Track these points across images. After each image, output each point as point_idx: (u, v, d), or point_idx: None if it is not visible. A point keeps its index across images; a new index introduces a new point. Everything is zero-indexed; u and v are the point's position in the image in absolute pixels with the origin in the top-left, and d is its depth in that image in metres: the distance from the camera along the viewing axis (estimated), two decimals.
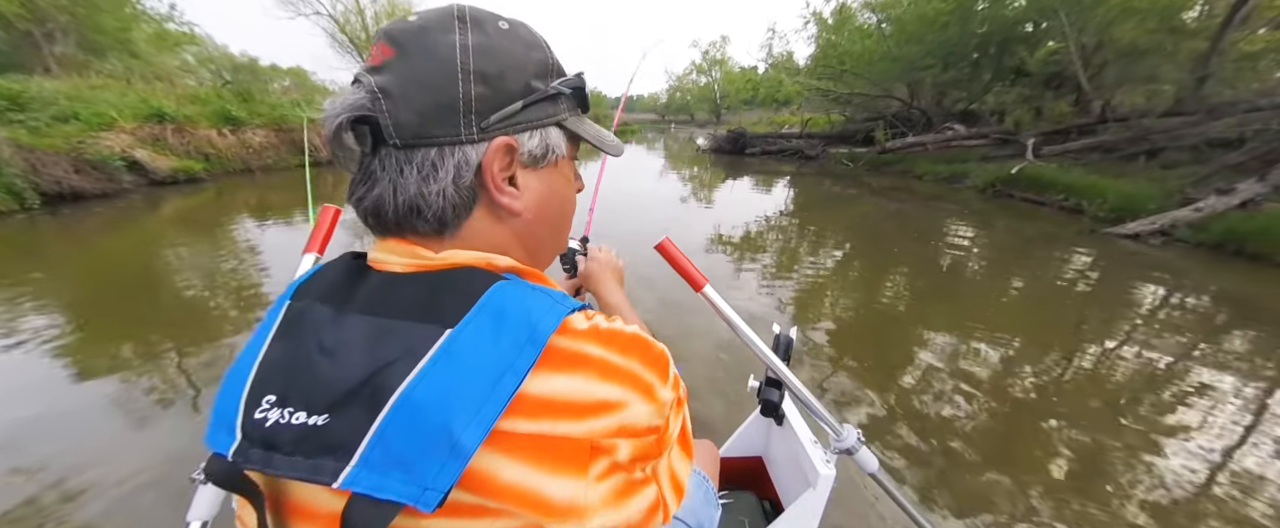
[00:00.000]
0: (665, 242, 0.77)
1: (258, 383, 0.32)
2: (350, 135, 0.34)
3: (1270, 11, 8.14)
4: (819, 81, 13.74)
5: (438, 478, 0.27)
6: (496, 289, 0.32)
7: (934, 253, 4.90)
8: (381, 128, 0.33)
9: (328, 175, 9.37)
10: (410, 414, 0.28)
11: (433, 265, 0.35)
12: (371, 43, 0.35)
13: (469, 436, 0.27)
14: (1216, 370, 2.62)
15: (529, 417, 0.29)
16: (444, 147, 0.34)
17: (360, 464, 0.27)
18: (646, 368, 0.34)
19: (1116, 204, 5.70)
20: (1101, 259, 4.62)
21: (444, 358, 0.29)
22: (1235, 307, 3.55)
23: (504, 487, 0.29)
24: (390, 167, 0.34)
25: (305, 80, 17.28)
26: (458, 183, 0.35)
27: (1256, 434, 2.10)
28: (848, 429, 0.87)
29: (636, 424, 0.33)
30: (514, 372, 0.29)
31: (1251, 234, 4.49)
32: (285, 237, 5.07)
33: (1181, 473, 1.85)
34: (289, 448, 0.29)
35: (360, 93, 0.33)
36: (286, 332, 0.34)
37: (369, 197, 0.35)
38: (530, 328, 0.31)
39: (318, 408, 0.29)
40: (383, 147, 0.34)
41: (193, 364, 2.46)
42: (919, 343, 2.87)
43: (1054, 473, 1.84)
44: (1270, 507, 1.70)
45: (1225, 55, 7.71)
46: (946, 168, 9.03)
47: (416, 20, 0.34)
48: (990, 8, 10.25)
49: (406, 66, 0.33)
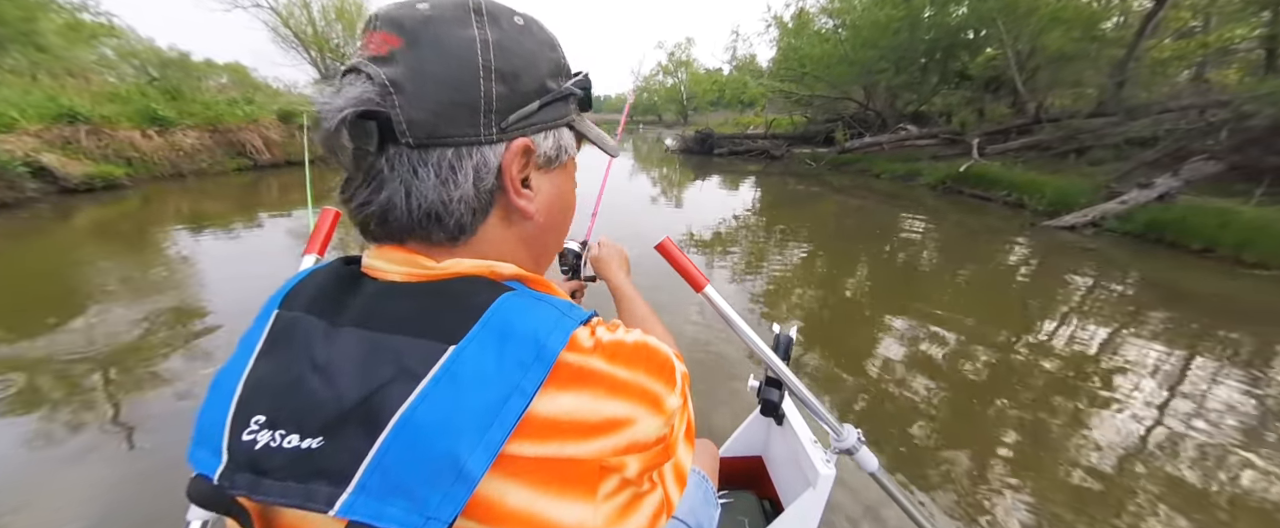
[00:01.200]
0: (666, 242, 0.76)
1: (245, 401, 0.29)
2: (350, 132, 0.30)
3: (1176, 23, 9.04)
4: (781, 84, 14.15)
5: (441, 507, 0.25)
6: (501, 303, 0.31)
7: (894, 247, 5.14)
8: (392, 125, 0.30)
9: (272, 180, 8.77)
10: (411, 438, 0.26)
11: (434, 275, 0.33)
12: (368, 28, 0.32)
13: (475, 461, 0.26)
14: (1142, 345, 2.89)
15: (535, 440, 0.28)
16: (461, 147, 0.32)
17: (357, 490, 0.26)
18: (653, 379, 0.33)
19: (1053, 199, 6.14)
20: (1041, 249, 4.98)
21: (446, 378, 0.27)
22: (1156, 290, 3.92)
23: (510, 513, 0.27)
24: (401, 167, 0.32)
25: (245, 77, 16.11)
26: (478, 186, 0.33)
27: (1176, 399, 2.33)
28: (848, 429, 0.87)
29: (646, 439, 0.32)
30: (521, 393, 0.28)
31: (1170, 224, 4.95)
32: (227, 248, 4.68)
33: (1116, 438, 2.03)
34: (280, 473, 0.27)
35: (364, 85, 0.30)
36: (274, 345, 0.31)
37: (375, 200, 0.32)
38: (537, 346, 0.29)
39: (311, 431, 0.27)
40: (392, 145, 0.31)
41: (121, 397, 2.24)
42: (881, 328, 3.02)
43: (1004, 443, 1.98)
44: (1189, 464, 1.90)
45: (1140, 62, 8.49)
46: (902, 166, 9.48)
47: (425, 8, 0.31)
48: (936, 15, 10.85)
49: (418, 59, 0.30)
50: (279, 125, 10.35)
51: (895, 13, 10.84)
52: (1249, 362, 2.76)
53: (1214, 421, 2.19)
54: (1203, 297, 3.79)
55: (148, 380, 2.31)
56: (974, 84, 11.38)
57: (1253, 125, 5.67)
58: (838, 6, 13.49)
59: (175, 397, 2.19)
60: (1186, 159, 5.95)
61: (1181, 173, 5.62)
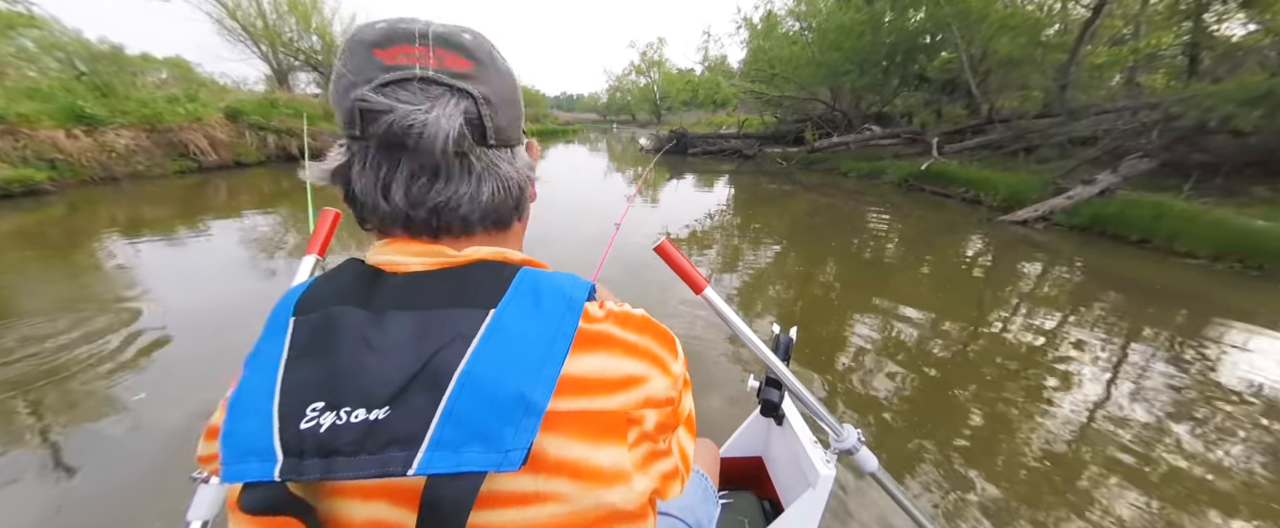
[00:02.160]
0: (665, 243, 0.76)
1: (290, 399, 0.30)
2: (460, 138, 0.35)
3: (1110, 30, 9.72)
4: (753, 84, 14.37)
5: (517, 438, 0.28)
6: (525, 273, 0.36)
7: (861, 242, 5.31)
8: (485, 131, 0.36)
9: (220, 182, 8.21)
10: (476, 388, 0.29)
11: (457, 262, 0.37)
12: (410, 40, 0.34)
13: (538, 393, 0.30)
14: (1086, 329, 3.09)
15: (570, 396, 0.32)
16: (516, 147, 0.40)
17: (432, 447, 0.28)
18: (659, 345, 0.38)
19: (1006, 195, 6.48)
20: (997, 243, 5.26)
21: (495, 334, 0.31)
22: (1100, 278, 4.19)
23: (555, 462, 0.31)
24: (490, 164, 0.38)
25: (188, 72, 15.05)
26: (521, 176, 0.41)
27: (1118, 381, 2.50)
28: (848, 429, 0.87)
29: (658, 396, 0.36)
30: (563, 335, 0.32)
31: (1110, 218, 5.30)
32: (171, 257, 4.33)
33: (1068, 417, 2.16)
34: (351, 448, 0.28)
35: (457, 97, 0.35)
36: (311, 343, 0.33)
37: (481, 192, 0.37)
38: (567, 298, 0.34)
39: (377, 403, 0.29)
40: (480, 147, 0.37)
41: (49, 421, 2.06)
42: (850, 319, 3.12)
43: (966, 426, 2.08)
44: (1134, 438, 2.04)
45: (1080, 66, 9.07)
46: (867, 165, 9.80)
47: (473, 38, 0.36)
48: (895, 20, 11.28)
49: (492, 79, 0.36)
50: (226, 124, 9.72)
51: (858, 16, 11.21)
52: (1179, 341, 2.98)
53: (1148, 396, 2.37)
54: (1139, 283, 4.07)
55: (81, 401, 2.13)
56: (932, 86, 11.89)
57: (1180, 125, 6.15)
58: (804, 10, 13.82)
59: (112, 418, 2.01)
60: (1123, 157, 6.39)
61: (1119, 170, 6.03)
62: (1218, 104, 5.62)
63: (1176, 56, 8.75)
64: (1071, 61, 8.91)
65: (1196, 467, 1.90)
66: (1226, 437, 2.10)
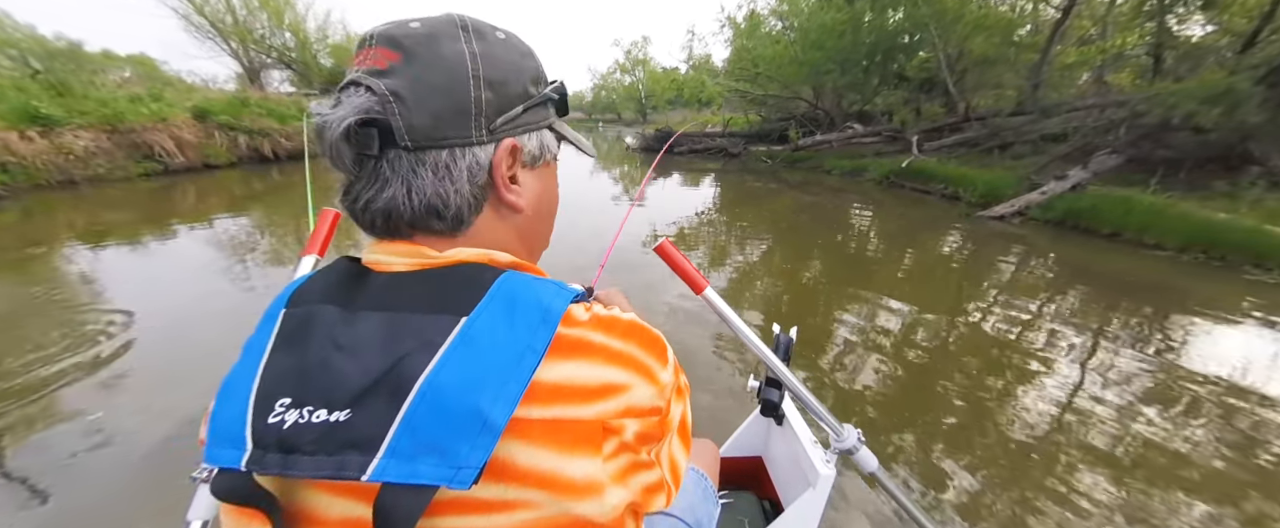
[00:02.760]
0: (665, 244, 0.75)
1: (265, 390, 0.31)
2: (353, 138, 0.33)
3: (1079, 31, 10.05)
4: (737, 83, 14.44)
5: (470, 456, 0.28)
6: (505, 279, 0.34)
7: (845, 238, 5.41)
8: (393, 130, 0.34)
9: (188, 185, 7.89)
10: (435, 400, 0.28)
11: (438, 263, 0.36)
12: (364, 45, 0.35)
13: (497, 412, 0.28)
14: (1060, 319, 3.21)
15: (542, 404, 0.31)
16: (455, 148, 0.36)
17: (388, 455, 0.28)
18: (645, 352, 0.36)
19: (984, 191, 6.65)
20: (975, 237, 5.39)
21: (463, 344, 0.30)
22: (1074, 271, 4.33)
23: (524, 471, 0.30)
24: (401, 168, 0.35)
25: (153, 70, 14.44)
26: (472, 182, 0.37)
27: (1090, 370, 2.59)
28: (848, 429, 0.87)
29: (641, 405, 0.35)
30: (532, 351, 0.31)
31: (1083, 212, 5.48)
32: (137, 265, 4.13)
33: (1044, 404, 2.24)
34: (311, 448, 0.28)
35: (363, 95, 0.33)
36: (291, 337, 0.33)
37: (379, 198, 0.36)
38: (542, 310, 0.33)
39: (339, 404, 0.29)
40: (391, 148, 0.35)
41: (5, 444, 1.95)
42: (836, 313, 3.17)
43: (948, 413, 2.14)
44: (1103, 426, 2.11)
45: (1051, 66, 9.36)
46: (849, 163, 9.95)
47: (418, 26, 0.35)
48: (875, 20, 11.47)
49: (416, 71, 0.34)
50: (194, 124, 9.32)
51: (839, 16, 11.37)
52: (1148, 330, 3.11)
53: (1119, 381, 2.46)
54: (1111, 275, 4.23)
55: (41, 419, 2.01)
56: (911, 85, 12.12)
57: (1145, 123, 6.39)
58: (786, 9, 13.94)
59: (82, 435, 1.91)
60: (1093, 153, 6.61)
61: (1089, 166, 6.24)
62: (1180, 102, 5.85)
63: (1141, 56, 9.10)
64: (1043, 61, 9.18)
65: (1164, 449, 1.98)
66: (1191, 420, 2.19)
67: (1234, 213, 4.83)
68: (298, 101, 12.03)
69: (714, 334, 2.84)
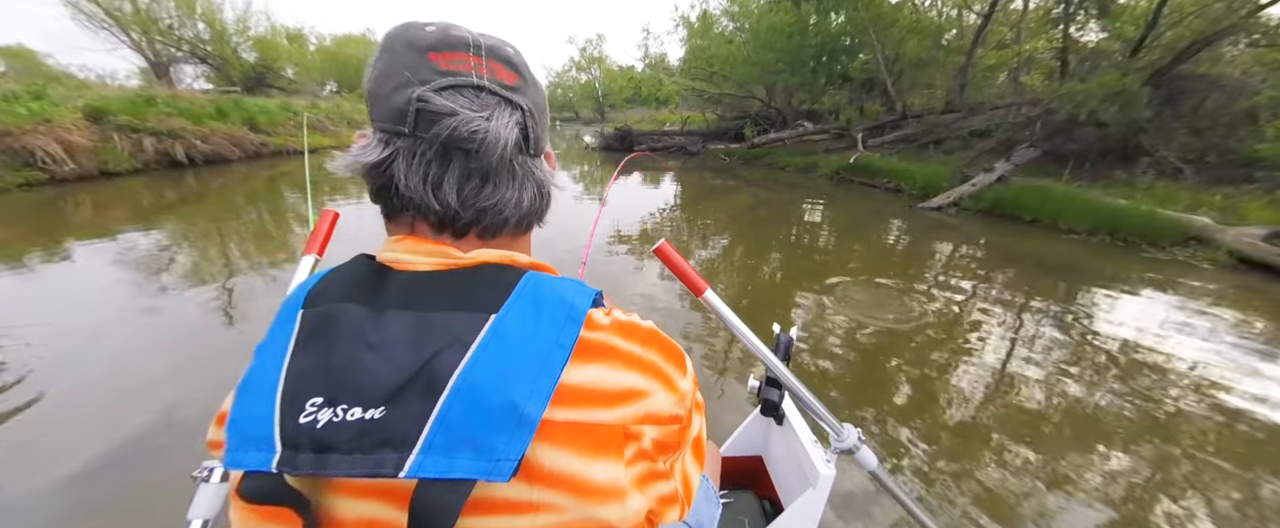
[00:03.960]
0: (663, 245, 0.74)
1: (292, 391, 0.31)
2: (514, 145, 0.37)
3: (997, 36, 10.99)
4: (693, 82, 14.67)
5: (508, 449, 0.28)
6: (529, 278, 0.35)
7: (800, 232, 5.66)
8: (529, 141, 0.39)
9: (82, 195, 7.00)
10: (470, 396, 0.29)
11: (463, 263, 0.37)
12: (464, 48, 0.36)
13: (532, 405, 0.29)
14: (992, 300, 3.53)
15: (566, 406, 0.31)
16: (541, 157, 0.42)
17: (424, 451, 0.28)
18: (665, 360, 0.37)
19: (923, 184, 7.14)
20: (916, 227, 5.80)
21: (494, 341, 0.31)
22: (1001, 254, 4.77)
23: (549, 473, 0.30)
24: (530, 172, 0.39)
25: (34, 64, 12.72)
26: (546, 183, 0.42)
27: (1018, 344, 2.87)
28: (848, 429, 0.86)
29: (660, 412, 0.35)
30: (561, 346, 0.32)
31: (1008, 201, 6.02)
32: (20, 291, 3.62)
33: (980, 373, 2.46)
34: (346, 446, 0.28)
35: (507, 108, 0.37)
36: (314, 337, 0.33)
37: (524, 197, 0.39)
38: (568, 307, 0.34)
39: (373, 402, 0.29)
40: (521, 156, 0.39)
41: None
42: (794, 302, 3.33)
43: (896, 390, 2.31)
44: (1030, 395, 2.35)
45: (975, 67, 10.18)
46: (803, 159, 10.39)
47: (516, 54, 0.39)
48: (819, 22, 12.01)
49: (532, 93, 0.39)
50: (87, 126, 8.05)
51: (787, 18, 11.83)
52: (1063, 303, 3.48)
53: (1041, 349, 2.75)
54: (1032, 257, 4.68)
55: None
56: (854, 85, 12.80)
57: (1056, 119, 7.09)
58: (737, 10, 14.32)
59: None
60: (1014, 147, 7.26)
61: (1011, 158, 6.85)
62: (1084, 101, 6.54)
63: (1049, 60, 10.08)
64: (968, 63, 9.98)
65: (1082, 403, 2.24)
66: (1102, 378, 2.48)
67: (1131, 199, 5.47)
68: (216, 101, 10.92)
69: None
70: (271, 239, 4.72)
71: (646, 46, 19.14)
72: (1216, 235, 4.55)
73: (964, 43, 10.68)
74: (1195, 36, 6.54)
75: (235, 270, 3.84)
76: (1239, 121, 6.53)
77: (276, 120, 11.67)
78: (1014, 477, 1.80)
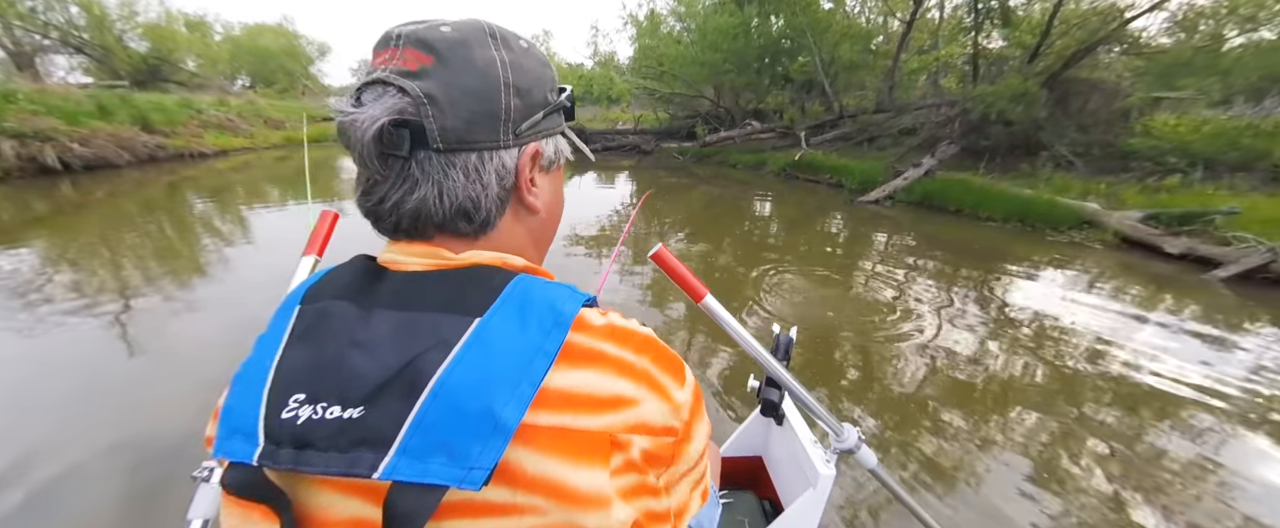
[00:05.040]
0: (661, 250, 0.74)
1: (279, 385, 0.31)
2: (384, 139, 0.33)
3: (919, 41, 11.97)
4: (644, 81, 14.78)
5: (482, 457, 0.28)
6: (518, 281, 0.35)
7: (752, 226, 5.93)
8: (426, 132, 0.34)
9: None
10: (448, 399, 0.28)
11: (454, 264, 0.36)
12: (389, 45, 0.35)
13: (509, 413, 0.28)
14: (924, 281, 3.89)
15: (551, 410, 0.31)
16: (484, 151, 0.36)
17: (399, 453, 0.28)
18: (660, 369, 0.36)
19: (861, 179, 7.66)
20: (856, 219, 6.24)
21: (476, 344, 0.30)
22: (929, 241, 5.23)
23: (531, 478, 0.30)
24: (431, 169, 0.35)
25: None
26: (500, 184, 0.38)
27: (948, 321, 3.18)
28: (848, 429, 0.86)
29: (652, 422, 0.34)
30: (544, 354, 0.31)
31: (935, 193, 6.60)
32: None
33: (916, 347, 2.70)
34: (324, 444, 0.28)
35: (396, 97, 0.33)
36: (306, 333, 0.33)
37: (410, 198, 0.36)
38: (555, 313, 0.33)
39: (353, 401, 0.29)
40: (421, 150, 0.35)
41: None
42: (748, 293, 3.51)
43: (847, 369, 2.52)
44: (960, 363, 2.62)
45: (901, 70, 11.03)
46: (752, 157, 10.79)
47: (449, 31, 0.35)
48: (761, 25, 12.51)
49: (450, 75, 0.34)
50: None
51: (732, 20, 12.22)
52: (982, 283, 3.89)
53: (965, 325, 3.08)
54: (956, 243, 5.17)
55: None
56: (795, 85, 13.44)
57: (971, 118, 7.84)
58: (684, 10, 14.59)
59: None
60: (938, 144, 7.95)
61: (936, 154, 7.50)
62: (993, 101, 7.28)
63: (963, 64, 11.13)
64: (894, 66, 10.79)
65: (1000, 371, 2.54)
66: (1017, 347, 2.82)
67: (1035, 189, 6.17)
68: (98, 96, 9.47)
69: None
70: (179, 257, 4.19)
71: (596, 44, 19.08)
72: (1104, 219, 5.24)
73: (890, 48, 11.52)
74: (1079, 45, 7.48)
75: (131, 292, 3.36)
76: (1116, 119, 7.55)
77: (176, 119, 10.41)
78: (949, 443, 2.01)
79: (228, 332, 2.75)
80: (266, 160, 10.84)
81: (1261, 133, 6.42)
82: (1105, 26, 7.44)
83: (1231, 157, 6.33)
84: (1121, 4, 7.58)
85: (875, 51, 11.94)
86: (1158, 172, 6.46)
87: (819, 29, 11.25)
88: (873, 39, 12.19)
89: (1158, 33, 8.48)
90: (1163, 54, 7.65)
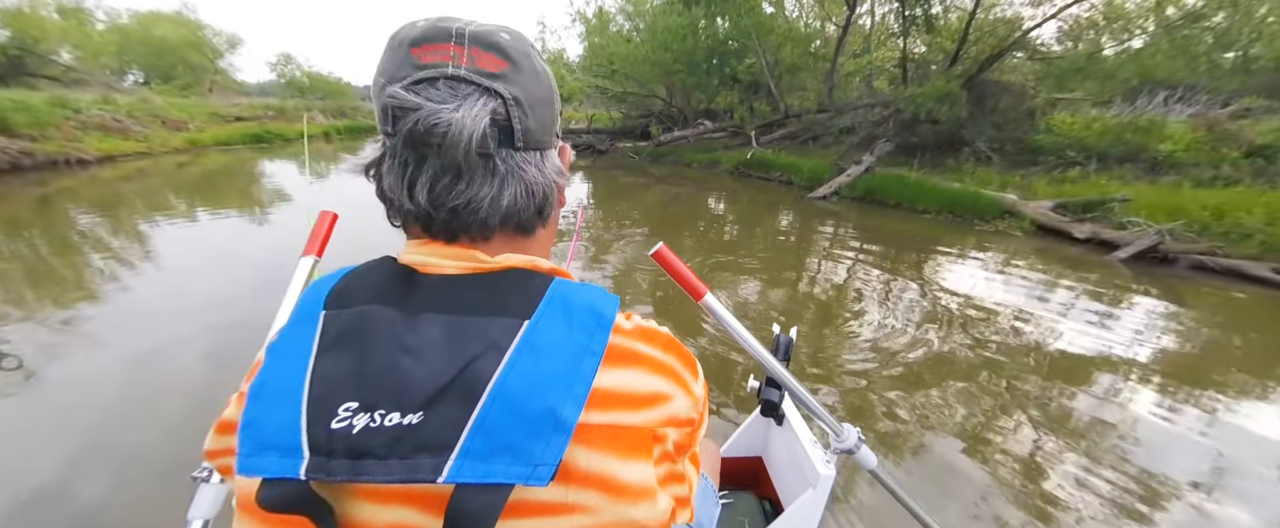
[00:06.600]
0: (662, 249, 0.73)
1: (321, 395, 0.30)
2: (485, 139, 0.34)
3: (854, 45, 12.72)
4: (596, 79, 14.63)
5: (546, 454, 0.29)
6: (556, 285, 0.36)
7: (708, 224, 6.09)
8: (512, 133, 0.36)
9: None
10: (508, 402, 0.29)
11: (490, 268, 0.37)
12: (444, 39, 0.35)
13: (568, 411, 0.30)
14: (867, 270, 4.16)
15: (601, 408, 0.32)
16: (546, 151, 0.39)
17: (462, 456, 0.28)
18: (683, 365, 0.39)
19: (809, 176, 8.01)
20: (805, 215, 6.56)
21: (528, 347, 0.31)
22: (871, 233, 5.60)
23: (584, 475, 0.31)
24: (514, 167, 0.37)
25: None
26: (557, 179, 0.40)
27: (889, 305, 3.42)
28: (847, 429, 0.86)
29: (681, 415, 0.37)
30: (591, 354, 0.33)
31: (876, 188, 7.03)
32: None
33: (863, 331, 2.93)
34: (382, 452, 0.28)
35: (485, 96, 0.34)
36: (343, 339, 0.32)
37: (503, 195, 0.36)
38: (597, 315, 0.35)
39: (411, 407, 0.29)
40: (504, 149, 0.36)
41: None
42: (713, 282, 3.63)
43: (800, 349, 2.68)
44: (903, 345, 2.82)
45: (839, 72, 11.65)
46: (706, 156, 11.00)
47: (509, 39, 0.36)
48: (708, 26, 12.77)
49: (524, 80, 0.36)
50: None
51: (680, 20, 12.38)
52: (919, 270, 4.20)
53: (904, 308, 3.33)
54: (895, 234, 5.57)
55: None
56: (743, 86, 13.86)
57: (902, 118, 8.41)
58: (633, 9, 14.60)
59: None
60: (875, 141, 8.46)
61: (874, 152, 7.98)
62: (921, 102, 7.86)
63: (893, 67, 11.95)
64: (832, 68, 11.39)
65: (937, 351, 2.75)
66: (952, 327, 3.07)
67: (962, 182, 6.71)
68: (18, 96, 8.35)
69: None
70: (61, 280, 3.58)
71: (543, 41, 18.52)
72: (1021, 209, 5.80)
73: (828, 51, 12.15)
74: (991, 51, 8.23)
75: None
76: (1024, 118, 8.38)
77: (45, 120, 8.86)
78: (890, 420, 2.14)
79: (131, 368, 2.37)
80: (165, 166, 9.43)
81: (1138, 128, 7.36)
82: (1011, 35, 8.24)
83: (1118, 150, 7.21)
84: (1025, 15, 8.45)
85: (814, 54, 12.54)
86: (1061, 164, 7.23)
87: (762, 31, 11.65)
88: (812, 42, 12.79)
89: (1052, 41, 9.53)
90: (1060, 60, 8.58)
